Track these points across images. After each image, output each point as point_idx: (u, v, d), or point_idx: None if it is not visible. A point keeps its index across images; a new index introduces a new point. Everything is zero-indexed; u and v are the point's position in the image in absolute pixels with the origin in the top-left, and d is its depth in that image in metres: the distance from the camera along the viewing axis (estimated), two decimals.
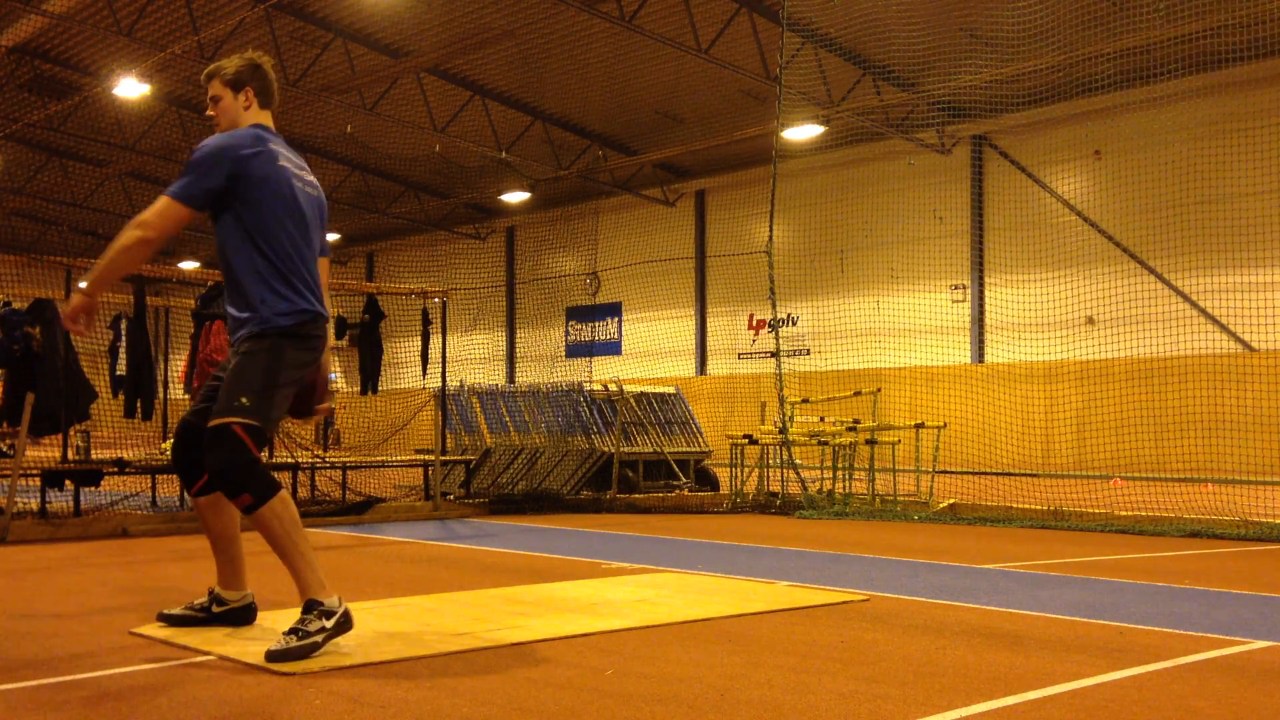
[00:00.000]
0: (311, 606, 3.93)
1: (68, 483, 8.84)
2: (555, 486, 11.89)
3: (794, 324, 23.92)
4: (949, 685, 3.57)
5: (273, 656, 3.74)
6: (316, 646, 3.83)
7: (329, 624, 3.91)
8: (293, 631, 3.84)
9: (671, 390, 13.35)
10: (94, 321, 4.08)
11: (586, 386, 12.64)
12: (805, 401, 12.70)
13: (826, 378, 17.07)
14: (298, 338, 4.17)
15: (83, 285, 4.10)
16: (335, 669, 3.68)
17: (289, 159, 4.31)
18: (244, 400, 4.01)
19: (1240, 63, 14.90)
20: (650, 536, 8.63)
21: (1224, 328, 18.33)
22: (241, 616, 4.36)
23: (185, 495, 9.39)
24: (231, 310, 4.27)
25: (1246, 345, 18.00)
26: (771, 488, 11.99)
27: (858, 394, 12.56)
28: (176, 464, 4.36)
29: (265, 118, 4.40)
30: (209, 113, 4.41)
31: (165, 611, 4.39)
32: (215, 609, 4.34)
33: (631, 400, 12.54)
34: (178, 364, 11.11)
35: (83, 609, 4.93)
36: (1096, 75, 17.19)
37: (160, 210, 4.05)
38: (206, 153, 4.15)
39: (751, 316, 26.15)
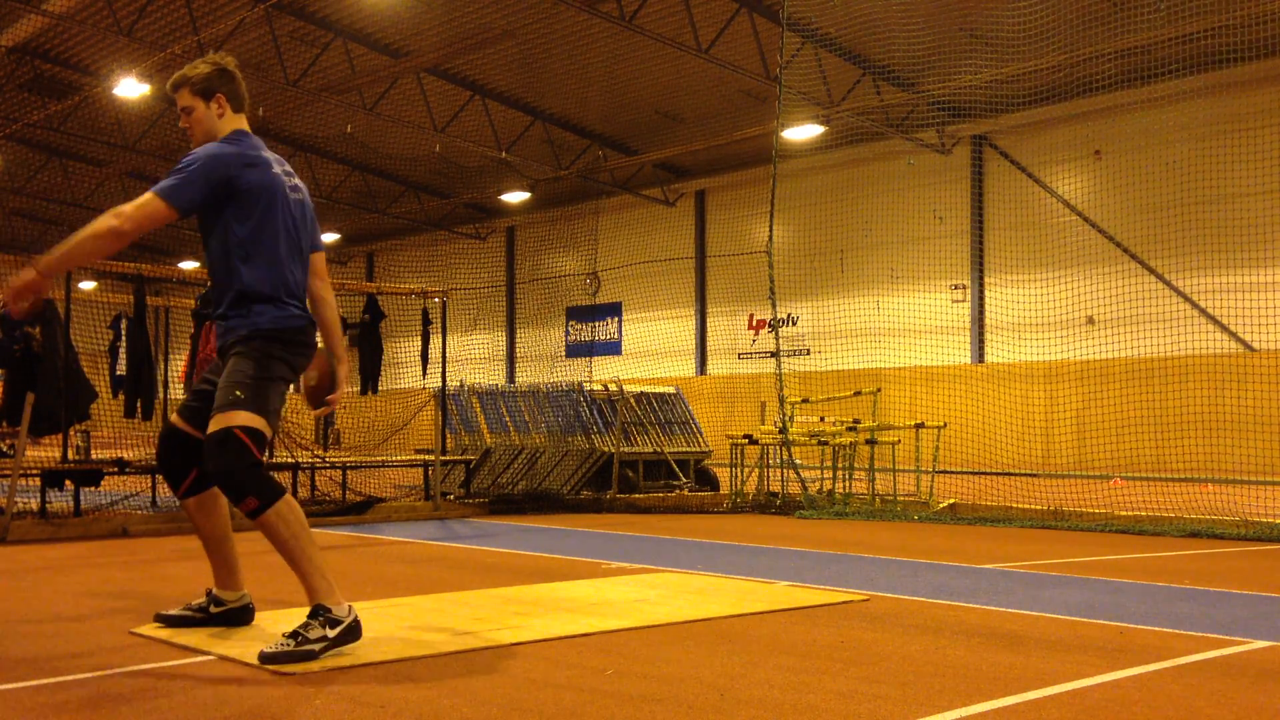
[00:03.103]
0: (318, 612, 3.87)
1: (68, 483, 8.84)
2: (555, 486, 11.89)
3: (794, 324, 23.91)
4: (949, 685, 3.57)
5: (265, 659, 3.71)
6: (313, 655, 3.75)
7: (331, 633, 3.83)
8: (292, 635, 3.81)
9: (671, 390, 13.35)
10: (38, 302, 3.86)
11: (586, 386, 12.64)
12: (805, 401, 12.70)
13: (826, 378, 17.07)
14: (284, 342, 4.15)
15: (39, 261, 3.84)
16: (335, 669, 3.68)
17: (278, 166, 4.26)
18: (238, 393, 3.97)
19: (1240, 63, 14.89)
20: (650, 536, 8.63)
21: (1224, 328, 18.33)
22: (239, 617, 4.34)
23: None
24: (221, 319, 4.20)
25: (1246, 345, 18.00)
26: (771, 488, 11.99)
27: (858, 394, 12.56)
28: (161, 466, 4.33)
29: (241, 122, 4.30)
30: (181, 124, 4.27)
31: (162, 613, 4.38)
32: (213, 609, 4.33)
33: (631, 400, 12.54)
34: (178, 364, 11.13)
35: (83, 609, 4.93)
36: (1096, 75, 17.19)
37: (143, 204, 3.92)
38: (201, 160, 4.05)
39: (751, 316, 26.15)
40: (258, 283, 4.11)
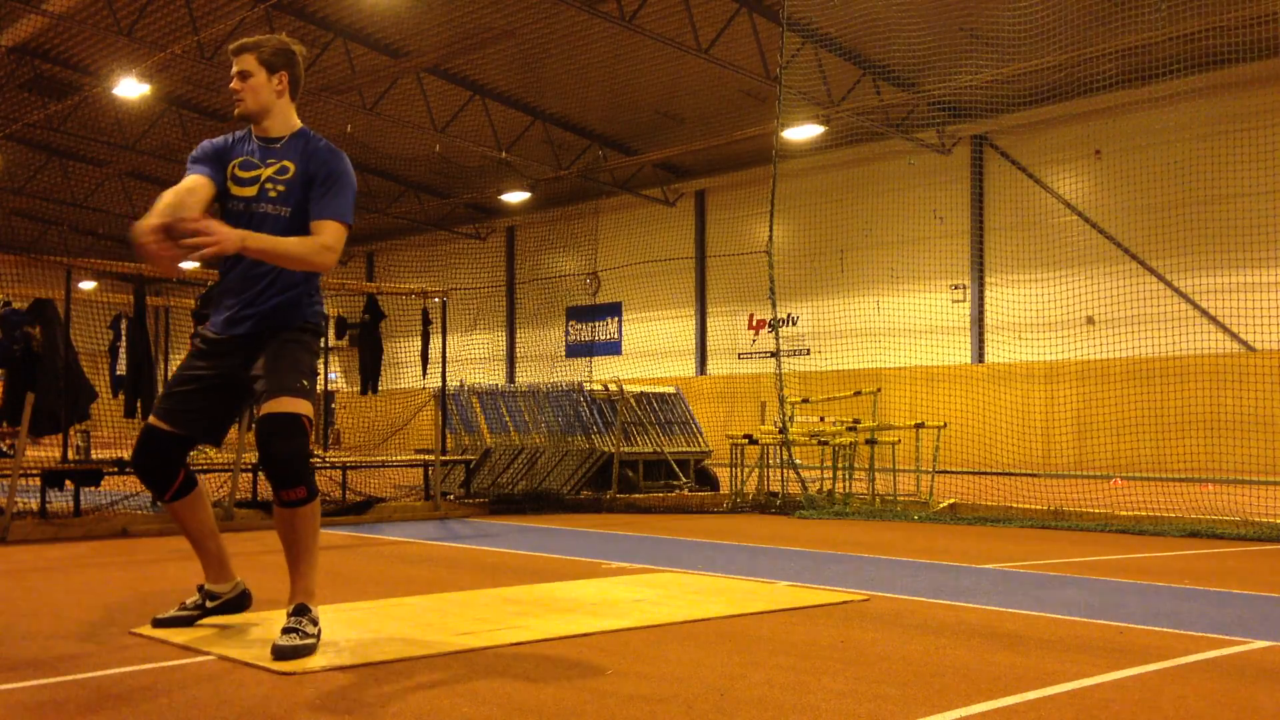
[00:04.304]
0: (304, 610, 3.93)
1: (68, 483, 8.84)
2: (555, 486, 11.88)
3: (794, 324, 23.92)
4: (949, 685, 3.57)
5: (282, 654, 3.73)
6: (313, 649, 3.83)
7: (317, 630, 3.94)
8: (293, 631, 3.85)
9: (671, 390, 13.35)
10: (203, 257, 3.72)
11: (586, 386, 12.63)
12: (805, 401, 12.70)
13: (826, 378, 17.07)
14: (319, 335, 4.34)
15: (249, 236, 3.87)
16: (335, 669, 3.68)
17: None
18: (305, 383, 4.07)
19: (1240, 63, 14.90)
20: (650, 536, 8.63)
21: (1224, 328, 18.33)
22: (236, 605, 4.38)
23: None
24: (258, 303, 4.14)
25: (1246, 345, 18.00)
26: (771, 488, 11.99)
27: (858, 394, 12.56)
28: (143, 472, 4.22)
29: (295, 110, 4.33)
30: (233, 86, 4.22)
31: (159, 616, 4.36)
32: (209, 604, 4.35)
33: (631, 400, 12.54)
34: (177, 364, 11.10)
35: (83, 609, 4.93)
36: (1096, 75, 17.19)
37: (341, 237, 4.15)
38: (348, 177, 4.28)
39: (751, 316, 26.15)
40: (310, 280, 4.27)
